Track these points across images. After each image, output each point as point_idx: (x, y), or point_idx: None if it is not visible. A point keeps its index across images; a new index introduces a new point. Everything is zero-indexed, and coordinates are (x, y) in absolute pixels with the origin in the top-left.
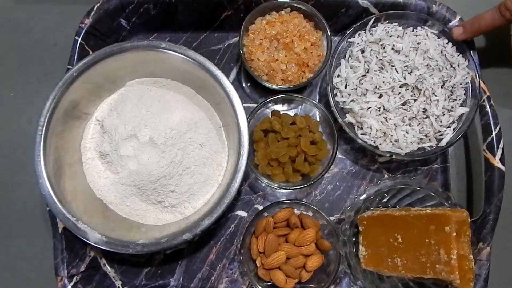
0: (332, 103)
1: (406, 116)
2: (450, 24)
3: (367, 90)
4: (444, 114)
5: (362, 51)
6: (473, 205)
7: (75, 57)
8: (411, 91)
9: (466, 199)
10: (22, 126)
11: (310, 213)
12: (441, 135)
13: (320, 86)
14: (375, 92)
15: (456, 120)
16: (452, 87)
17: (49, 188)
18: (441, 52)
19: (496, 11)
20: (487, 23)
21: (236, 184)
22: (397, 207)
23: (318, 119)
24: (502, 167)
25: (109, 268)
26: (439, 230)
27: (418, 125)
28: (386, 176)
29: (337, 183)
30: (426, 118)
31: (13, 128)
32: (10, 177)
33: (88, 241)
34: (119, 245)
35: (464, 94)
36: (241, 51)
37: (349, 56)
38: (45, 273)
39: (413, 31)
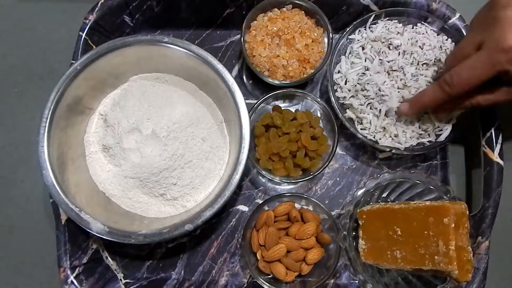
0: (332, 98)
1: None
2: (450, 21)
3: (366, 85)
4: None
5: (363, 48)
6: (472, 200)
7: (79, 53)
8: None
9: (465, 194)
10: (25, 122)
11: (310, 208)
12: (440, 130)
13: (321, 83)
14: (374, 88)
15: (456, 117)
16: None
17: (53, 179)
18: (441, 48)
19: (437, 85)
20: (430, 98)
21: (237, 176)
22: (397, 202)
23: (319, 115)
24: (501, 162)
25: (111, 261)
26: (438, 222)
27: (418, 121)
28: (385, 170)
29: (338, 179)
30: (425, 113)
31: (16, 124)
32: (13, 173)
33: (90, 231)
34: (121, 235)
35: None
36: (243, 47)
37: (350, 53)
38: (48, 267)
39: (413, 28)
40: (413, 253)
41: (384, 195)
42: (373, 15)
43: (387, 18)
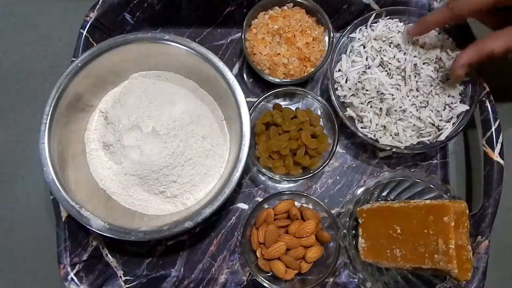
0: (333, 97)
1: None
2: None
3: (367, 84)
4: (444, 109)
5: (363, 47)
6: (472, 200)
7: (80, 50)
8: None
9: (465, 194)
10: (26, 119)
11: (310, 206)
12: (441, 129)
13: (322, 82)
14: (375, 87)
15: (456, 116)
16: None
17: (53, 176)
18: (441, 47)
19: (443, 7)
20: (435, 17)
21: (237, 174)
22: (397, 200)
23: (319, 113)
24: (501, 161)
25: (111, 258)
26: (438, 220)
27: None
28: (385, 169)
29: (338, 177)
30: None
31: (17, 121)
32: (14, 170)
33: (91, 228)
34: (121, 232)
35: (464, 89)
36: (243, 45)
37: (350, 51)
38: (48, 264)
39: None
40: (412, 251)
41: (384, 193)
42: (374, 14)
43: (388, 17)
